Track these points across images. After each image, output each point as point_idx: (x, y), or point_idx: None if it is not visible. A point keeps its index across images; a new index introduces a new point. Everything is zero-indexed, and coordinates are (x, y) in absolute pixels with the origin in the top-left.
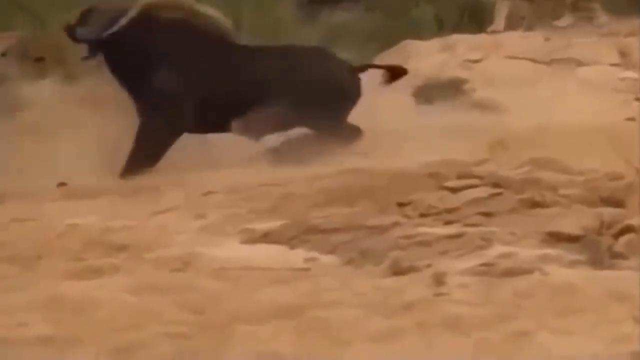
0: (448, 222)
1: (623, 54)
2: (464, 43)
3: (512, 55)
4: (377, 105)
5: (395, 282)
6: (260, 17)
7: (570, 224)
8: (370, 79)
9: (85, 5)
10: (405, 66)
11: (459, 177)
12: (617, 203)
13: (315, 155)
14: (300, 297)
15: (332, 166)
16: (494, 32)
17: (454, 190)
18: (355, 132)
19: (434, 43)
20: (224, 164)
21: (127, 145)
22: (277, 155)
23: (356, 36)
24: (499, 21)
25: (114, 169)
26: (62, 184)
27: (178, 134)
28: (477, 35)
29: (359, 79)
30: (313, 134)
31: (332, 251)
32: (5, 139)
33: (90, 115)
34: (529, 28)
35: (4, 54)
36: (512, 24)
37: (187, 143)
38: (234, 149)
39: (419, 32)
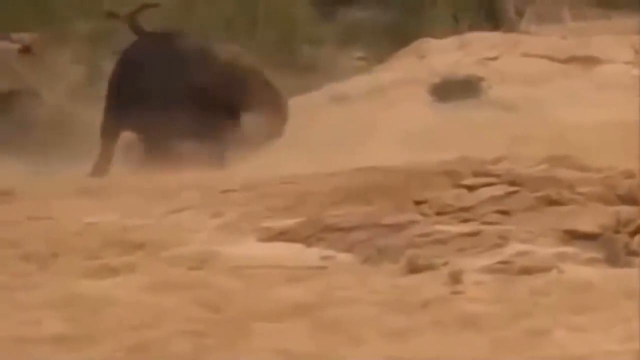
0: (464, 220)
1: (637, 52)
2: (480, 41)
3: (529, 53)
4: (394, 103)
5: (411, 280)
6: (276, 15)
7: (586, 222)
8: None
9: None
10: (421, 63)
11: (476, 175)
12: (634, 201)
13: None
14: (317, 295)
15: (348, 164)
16: (507, 31)
17: (470, 188)
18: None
19: (450, 41)
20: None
21: None
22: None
23: (372, 34)
24: (510, 20)
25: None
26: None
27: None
28: (493, 33)
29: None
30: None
31: (348, 249)
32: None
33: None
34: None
35: (27, 51)
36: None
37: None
38: None
39: (435, 30)
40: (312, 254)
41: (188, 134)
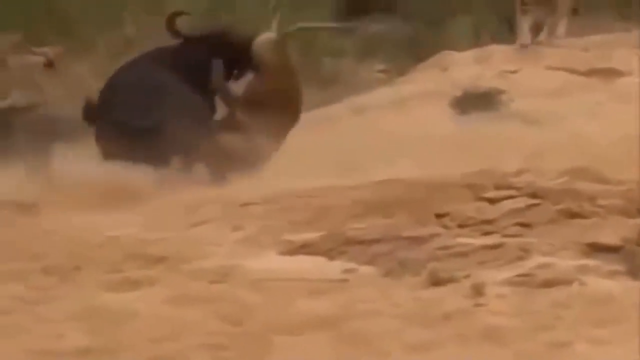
0: (486, 233)
1: None
2: (501, 54)
3: (550, 66)
4: (415, 116)
5: (433, 292)
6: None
7: (608, 235)
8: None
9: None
10: (442, 76)
11: (497, 187)
12: None
13: None
14: (339, 308)
15: (369, 177)
16: (523, 46)
17: (491, 201)
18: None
19: (471, 54)
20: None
21: None
22: None
23: (393, 47)
24: (524, 34)
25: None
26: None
27: None
28: (514, 45)
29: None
30: None
31: (370, 262)
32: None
33: None
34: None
35: (51, 65)
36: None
37: None
38: None
39: (456, 43)
40: (333, 267)
41: (183, 150)
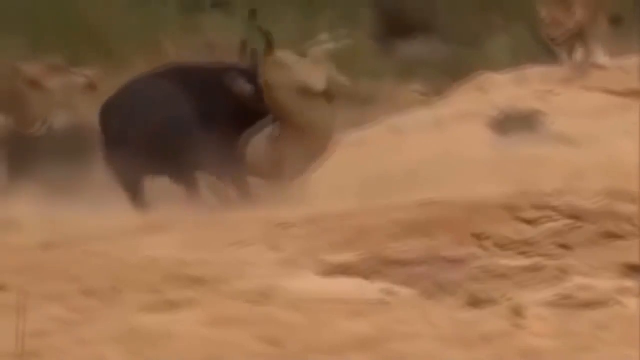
0: (525, 254)
1: None
2: (540, 74)
3: (588, 87)
4: (453, 137)
5: (472, 314)
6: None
7: None
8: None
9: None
10: (480, 97)
11: (536, 208)
12: None
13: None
14: (377, 329)
15: (408, 198)
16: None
17: (530, 222)
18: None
19: (509, 75)
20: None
21: None
22: None
23: (431, 68)
24: (563, 61)
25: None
26: None
27: None
28: (553, 66)
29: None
30: None
31: (408, 283)
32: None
33: None
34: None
35: (93, 87)
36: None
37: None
38: None
39: (494, 64)
40: (372, 288)
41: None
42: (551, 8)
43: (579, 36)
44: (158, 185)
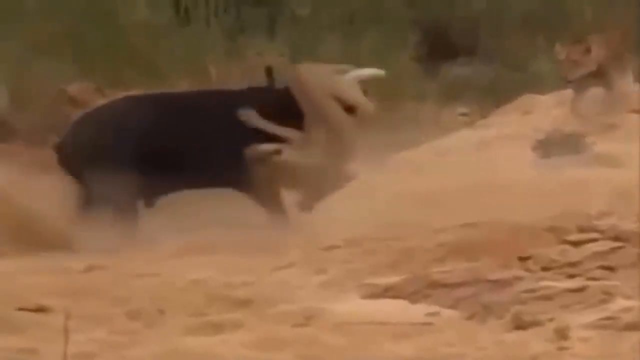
0: (570, 276)
1: None
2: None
3: (633, 109)
4: (497, 159)
5: (517, 336)
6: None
7: None
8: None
9: None
10: (525, 119)
11: (580, 230)
12: None
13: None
14: (422, 352)
15: (452, 220)
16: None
17: (575, 243)
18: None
19: (553, 97)
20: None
21: None
22: None
23: (475, 90)
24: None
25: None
26: None
27: None
28: (596, 88)
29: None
30: None
31: (453, 305)
32: None
33: None
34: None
35: None
36: None
37: None
38: None
39: (537, 86)
40: (417, 311)
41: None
42: (570, 49)
43: (599, 76)
44: (204, 207)
